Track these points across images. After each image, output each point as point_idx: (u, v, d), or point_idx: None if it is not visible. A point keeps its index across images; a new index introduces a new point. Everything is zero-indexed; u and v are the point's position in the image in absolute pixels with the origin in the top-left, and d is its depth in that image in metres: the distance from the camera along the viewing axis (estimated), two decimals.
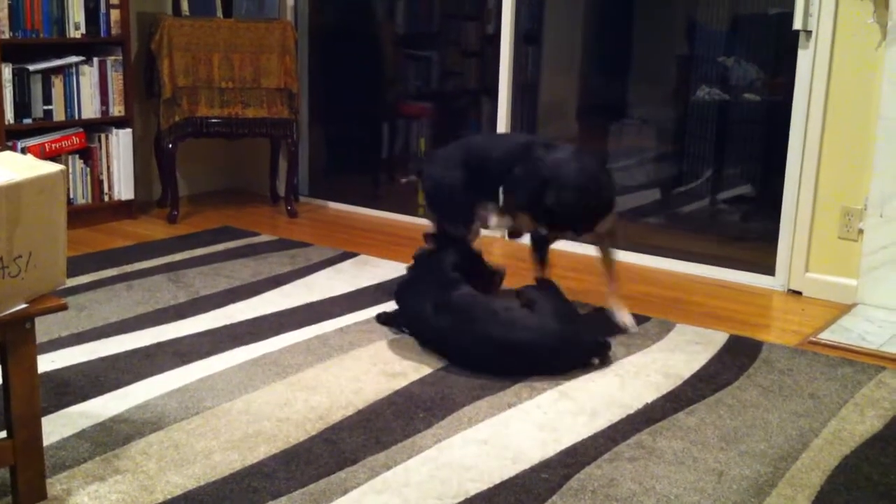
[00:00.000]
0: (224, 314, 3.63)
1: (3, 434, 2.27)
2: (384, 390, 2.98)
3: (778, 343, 3.49)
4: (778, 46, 4.57)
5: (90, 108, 4.81)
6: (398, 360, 3.22)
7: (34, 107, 4.61)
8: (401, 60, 5.95)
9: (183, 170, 5.32)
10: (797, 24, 3.93)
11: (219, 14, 5.08)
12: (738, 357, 3.33)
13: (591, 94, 5.62)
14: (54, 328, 3.36)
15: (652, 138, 5.28)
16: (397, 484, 2.42)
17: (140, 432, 2.64)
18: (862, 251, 3.89)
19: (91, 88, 4.80)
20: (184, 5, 5.02)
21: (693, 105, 4.93)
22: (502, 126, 4.88)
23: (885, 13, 3.71)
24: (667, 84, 5.18)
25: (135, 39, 5.08)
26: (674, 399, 2.98)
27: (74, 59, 4.71)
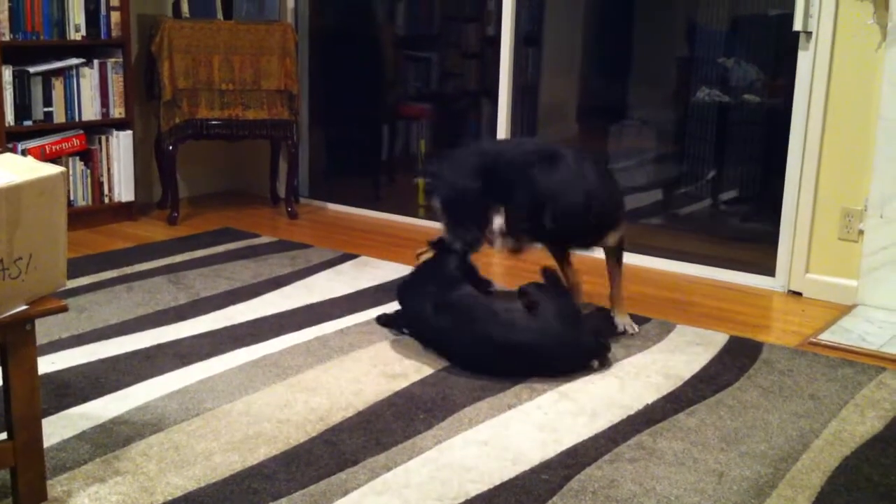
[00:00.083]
0: (224, 316, 3.63)
1: (4, 435, 2.26)
2: (384, 391, 2.98)
3: (778, 344, 3.49)
4: (778, 48, 4.58)
5: (90, 110, 4.81)
6: (398, 362, 3.22)
7: (34, 109, 4.61)
8: (401, 62, 5.95)
9: (183, 171, 5.32)
10: (797, 26, 3.93)
11: (219, 16, 5.08)
12: (739, 358, 3.33)
13: (592, 96, 5.63)
14: (54, 330, 3.36)
15: (652, 139, 5.28)
16: (397, 485, 2.42)
17: (140, 434, 2.64)
18: (862, 252, 3.89)
19: (91, 90, 4.80)
20: (184, 7, 5.02)
21: (693, 106, 4.93)
22: (502, 127, 4.87)
23: (886, 14, 3.71)
24: (667, 85, 5.18)
25: (135, 41, 5.09)
26: (674, 400, 2.98)
27: (75, 61, 4.72)
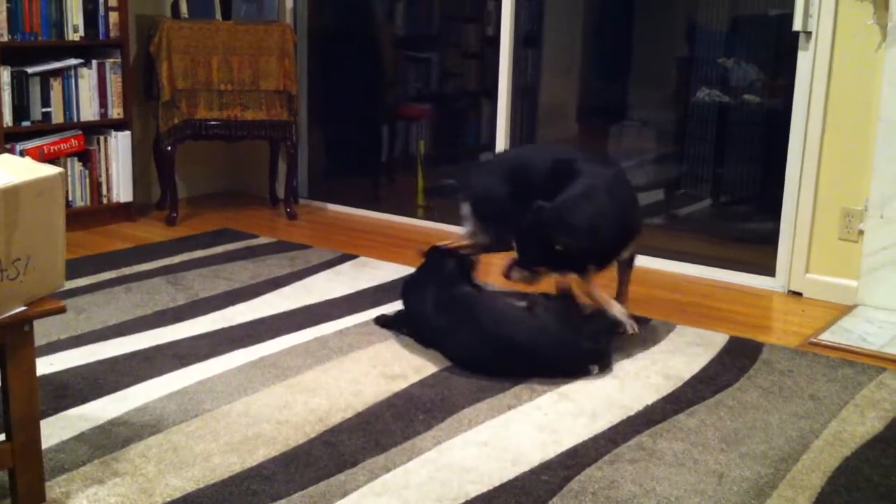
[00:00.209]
0: (223, 316, 3.62)
1: (2, 437, 2.26)
2: (384, 392, 2.97)
3: (778, 344, 3.48)
4: (778, 48, 4.58)
5: (89, 111, 4.81)
6: (398, 362, 3.21)
7: (33, 109, 4.60)
8: (400, 62, 5.95)
9: (182, 172, 5.31)
10: (797, 26, 3.92)
11: (218, 16, 5.08)
12: (739, 358, 3.32)
13: (591, 96, 5.62)
14: (53, 331, 3.35)
15: (652, 140, 5.28)
16: (397, 486, 2.42)
17: (139, 435, 2.63)
18: (862, 252, 3.89)
19: (90, 91, 4.79)
20: (183, 8, 5.01)
21: (693, 107, 4.92)
22: (501, 127, 4.87)
23: (886, 14, 3.71)
24: (667, 86, 5.18)
25: (133, 42, 5.08)
26: (674, 401, 2.97)
27: (73, 62, 4.71)
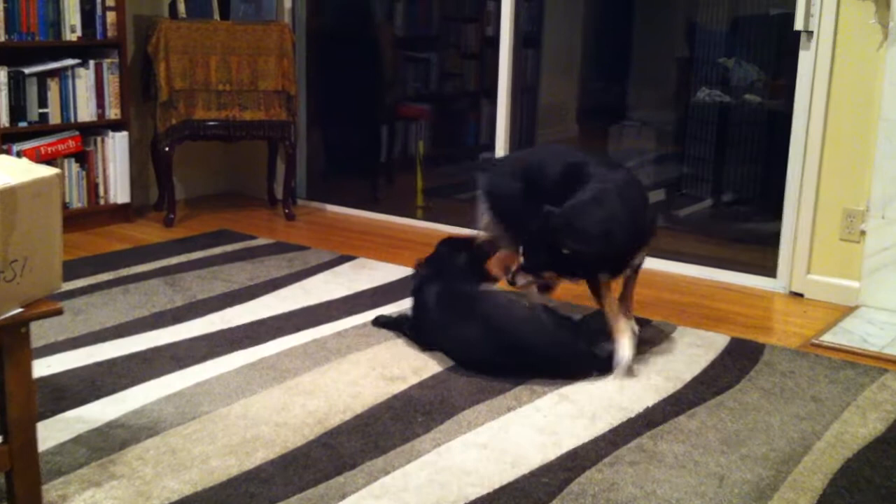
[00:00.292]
0: (221, 318, 3.60)
1: (0, 439, 2.25)
2: (383, 394, 2.96)
3: (779, 345, 3.47)
4: (779, 47, 4.57)
5: (86, 112, 4.79)
6: (396, 364, 3.20)
7: (30, 110, 4.59)
8: (399, 63, 5.94)
9: (180, 173, 5.30)
10: (798, 25, 3.91)
11: (216, 16, 5.06)
12: (740, 360, 3.31)
13: (592, 97, 5.62)
14: (50, 332, 3.34)
15: (652, 140, 5.27)
16: (396, 489, 2.40)
17: (137, 437, 2.62)
18: (864, 253, 3.87)
19: (87, 91, 4.77)
20: (181, 8, 5.00)
21: (693, 107, 4.91)
22: (501, 128, 4.85)
23: (887, 14, 3.70)
24: (667, 86, 5.17)
25: (131, 42, 5.07)
26: (675, 402, 2.96)
27: (70, 62, 4.69)
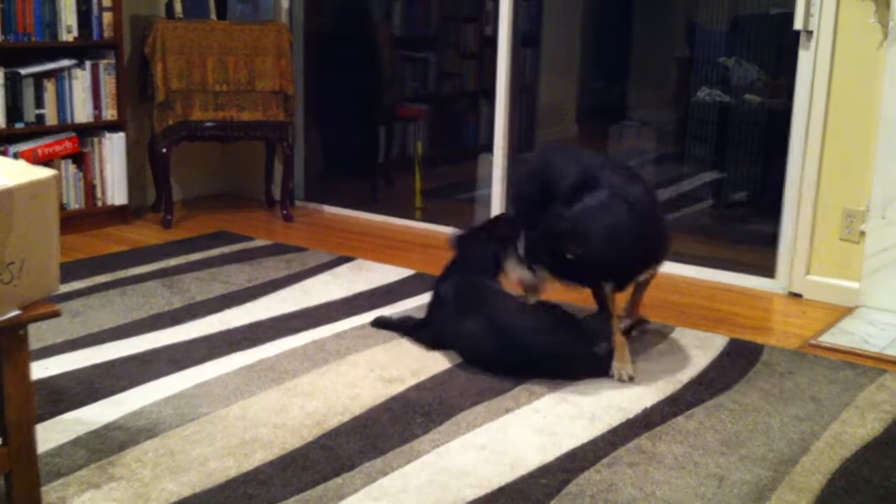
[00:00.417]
0: (219, 320, 3.60)
1: None
2: (381, 396, 2.95)
3: (779, 346, 3.47)
4: (779, 47, 4.57)
5: (83, 113, 4.78)
6: (395, 366, 3.19)
7: (26, 111, 4.57)
8: (398, 63, 5.94)
9: (177, 174, 5.29)
10: (798, 25, 3.91)
11: (213, 16, 5.05)
12: (739, 360, 3.31)
13: (591, 97, 5.62)
14: (48, 335, 3.33)
15: (652, 140, 5.27)
16: (394, 490, 2.40)
17: (135, 439, 2.62)
18: (864, 253, 3.87)
19: (84, 92, 4.76)
20: (177, 8, 4.99)
21: (693, 107, 4.91)
22: (500, 128, 4.84)
23: (887, 13, 3.70)
24: (667, 86, 5.17)
25: (128, 42, 5.06)
26: (673, 403, 2.96)
27: (67, 63, 4.68)
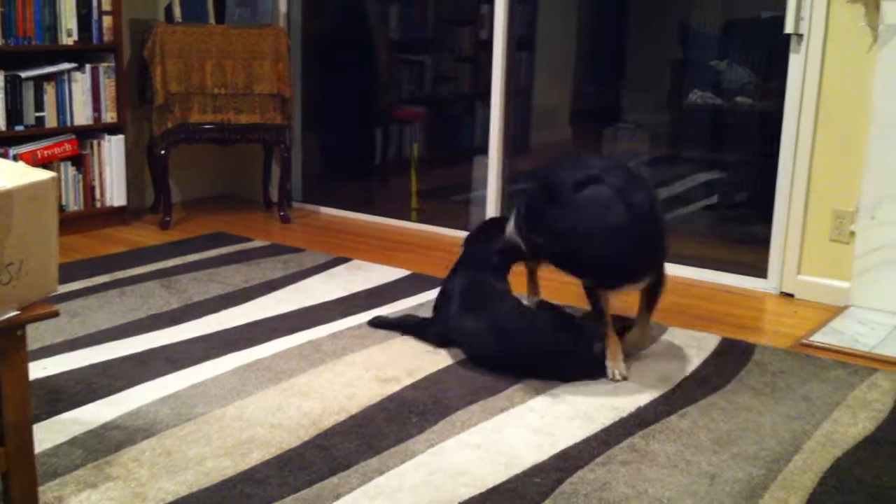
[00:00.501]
0: (217, 320, 3.62)
1: None
2: (377, 395, 2.97)
3: (770, 346, 3.49)
4: (770, 50, 4.59)
5: (82, 115, 4.80)
6: (391, 366, 3.21)
7: (26, 114, 4.60)
8: (394, 65, 5.95)
9: (176, 176, 5.31)
10: (789, 28, 3.94)
11: (211, 21, 5.08)
12: (731, 360, 3.33)
13: (585, 99, 5.63)
14: (46, 335, 3.35)
15: (645, 142, 5.28)
16: (390, 489, 2.42)
17: (132, 439, 2.63)
18: (854, 253, 3.90)
19: (83, 95, 4.79)
20: (176, 12, 5.01)
21: (686, 109, 4.93)
22: (495, 131, 4.86)
23: (877, 16, 3.72)
24: (660, 89, 5.19)
25: (127, 46, 5.08)
26: (666, 402, 2.98)
27: (66, 66, 4.71)
